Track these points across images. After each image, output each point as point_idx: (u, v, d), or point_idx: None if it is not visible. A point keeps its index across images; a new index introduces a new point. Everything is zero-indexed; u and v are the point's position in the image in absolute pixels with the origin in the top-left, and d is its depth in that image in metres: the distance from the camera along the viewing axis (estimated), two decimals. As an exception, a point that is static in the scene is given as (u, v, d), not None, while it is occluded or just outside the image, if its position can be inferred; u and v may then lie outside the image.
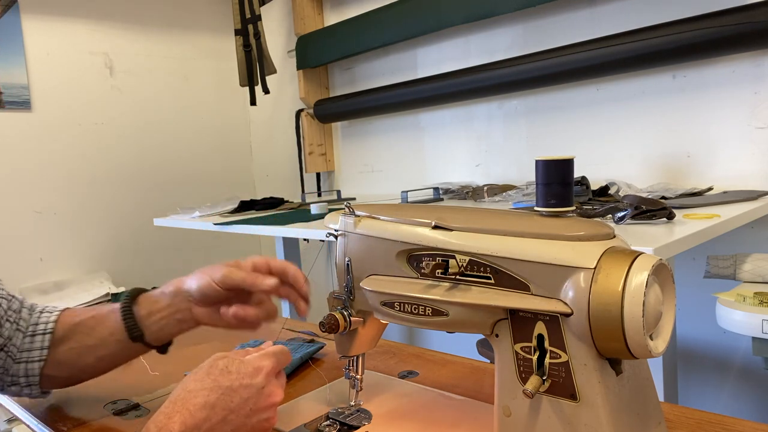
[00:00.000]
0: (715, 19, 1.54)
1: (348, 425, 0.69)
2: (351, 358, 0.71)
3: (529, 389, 0.51)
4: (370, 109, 2.59)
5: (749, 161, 1.66)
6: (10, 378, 0.76)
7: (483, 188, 1.96)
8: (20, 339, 0.77)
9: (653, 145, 1.84)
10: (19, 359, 0.76)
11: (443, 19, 2.17)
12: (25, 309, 0.80)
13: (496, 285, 0.55)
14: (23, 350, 0.76)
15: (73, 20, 2.71)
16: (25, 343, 0.77)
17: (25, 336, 0.77)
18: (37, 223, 2.61)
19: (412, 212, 0.63)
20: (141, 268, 2.91)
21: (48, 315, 0.80)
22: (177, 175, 3.07)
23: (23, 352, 0.76)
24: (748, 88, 1.64)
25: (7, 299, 0.78)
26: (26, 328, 0.78)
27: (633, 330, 0.47)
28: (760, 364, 1.63)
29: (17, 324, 0.77)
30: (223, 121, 3.29)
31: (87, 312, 0.80)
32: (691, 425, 0.66)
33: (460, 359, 0.91)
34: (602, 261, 0.50)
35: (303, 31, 2.78)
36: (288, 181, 3.18)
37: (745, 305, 1.23)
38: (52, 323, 0.78)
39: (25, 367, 0.76)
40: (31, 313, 0.80)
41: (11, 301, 0.78)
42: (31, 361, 0.76)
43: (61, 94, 2.66)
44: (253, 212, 2.17)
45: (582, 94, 1.99)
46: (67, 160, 2.69)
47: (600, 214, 1.25)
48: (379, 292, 0.63)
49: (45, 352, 0.76)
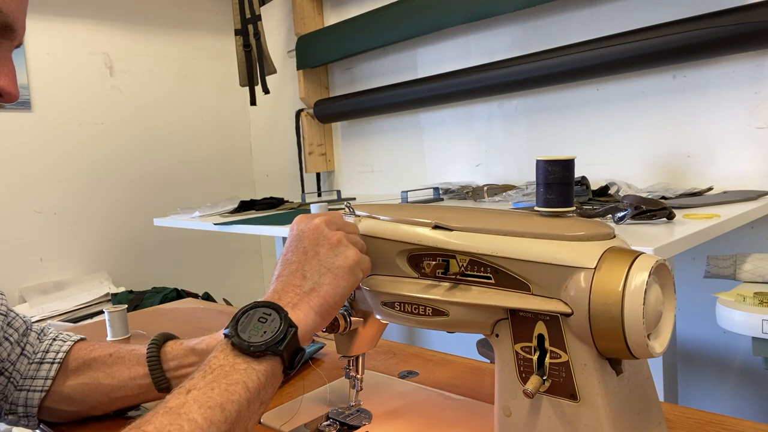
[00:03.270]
0: (715, 19, 1.54)
1: (348, 425, 0.69)
2: (351, 358, 0.71)
3: (530, 389, 0.51)
4: (370, 109, 2.59)
5: (749, 161, 1.66)
6: (8, 406, 0.72)
7: (483, 188, 1.96)
8: (25, 365, 0.73)
9: (653, 145, 1.84)
10: (21, 387, 0.72)
11: (443, 19, 2.17)
12: (33, 333, 0.76)
13: (496, 285, 0.55)
14: (27, 377, 0.72)
15: (73, 20, 2.71)
16: (30, 370, 0.73)
17: (31, 363, 0.73)
18: (37, 223, 2.61)
19: (412, 212, 0.63)
20: (141, 268, 2.91)
21: (60, 344, 0.75)
22: (177, 175, 3.07)
23: (26, 380, 0.72)
24: (748, 88, 1.64)
25: (4, 314, 0.73)
26: (33, 353, 0.74)
27: (633, 330, 0.47)
28: (760, 364, 1.63)
29: (23, 348, 0.73)
30: (223, 121, 3.29)
31: (104, 347, 0.76)
32: (691, 425, 0.66)
33: (460, 359, 0.91)
34: (602, 261, 0.50)
35: (303, 31, 2.78)
36: (288, 181, 3.18)
37: (745, 305, 1.23)
38: (63, 353, 0.74)
39: (26, 396, 0.72)
40: (40, 338, 0.76)
41: (14, 318, 0.74)
42: (32, 390, 0.72)
43: (61, 94, 2.67)
44: (253, 212, 2.17)
45: (582, 94, 1.99)
46: (67, 160, 2.69)
47: (600, 214, 1.25)
48: (379, 292, 0.63)
49: (48, 383, 0.72)
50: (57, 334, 0.77)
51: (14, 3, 0.56)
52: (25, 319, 0.77)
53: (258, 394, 0.50)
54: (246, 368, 0.50)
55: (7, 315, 0.74)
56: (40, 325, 0.79)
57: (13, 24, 0.56)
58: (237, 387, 0.49)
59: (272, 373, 0.52)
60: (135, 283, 2.81)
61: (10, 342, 0.73)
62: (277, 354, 0.51)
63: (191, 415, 0.45)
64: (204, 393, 0.47)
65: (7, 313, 0.74)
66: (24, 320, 0.76)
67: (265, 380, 0.51)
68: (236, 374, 0.49)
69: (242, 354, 0.50)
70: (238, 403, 0.48)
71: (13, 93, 0.59)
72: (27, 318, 0.78)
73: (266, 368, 0.51)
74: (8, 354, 0.72)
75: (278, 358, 0.52)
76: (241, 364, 0.50)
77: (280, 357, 0.52)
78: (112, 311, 1.11)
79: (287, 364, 0.52)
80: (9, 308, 0.75)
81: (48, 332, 0.78)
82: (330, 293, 0.56)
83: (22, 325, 0.75)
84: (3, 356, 0.72)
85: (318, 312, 0.55)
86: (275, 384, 0.53)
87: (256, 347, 0.50)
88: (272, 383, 0.52)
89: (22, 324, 0.75)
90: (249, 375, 0.50)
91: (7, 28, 0.56)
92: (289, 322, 0.52)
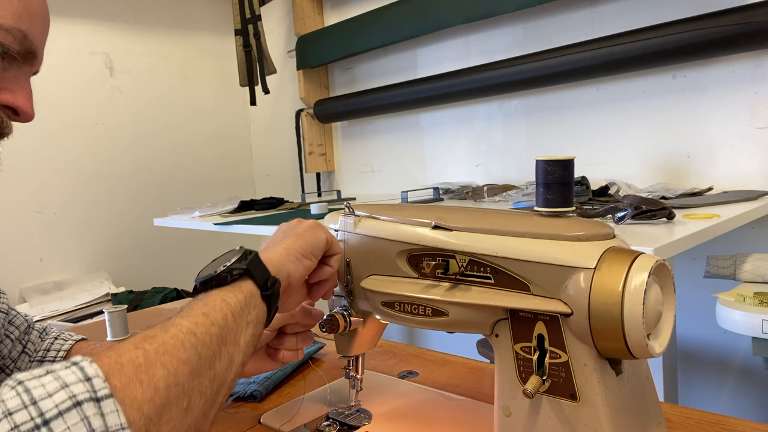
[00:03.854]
0: (715, 19, 1.54)
1: (348, 425, 0.69)
2: (351, 358, 0.71)
3: (529, 389, 0.51)
4: (370, 109, 2.59)
5: (749, 161, 1.66)
6: None
7: (483, 188, 1.96)
8: (26, 363, 0.74)
9: (653, 145, 1.84)
10: None
11: (443, 19, 2.17)
12: (35, 331, 0.76)
13: (496, 285, 0.55)
14: None
15: (73, 20, 2.71)
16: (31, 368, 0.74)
17: (32, 360, 0.74)
18: (37, 223, 2.61)
19: (412, 212, 0.63)
20: (141, 268, 2.91)
21: (62, 342, 0.76)
22: (177, 175, 3.07)
23: None
24: (748, 88, 1.64)
25: (5, 312, 0.74)
26: (34, 351, 0.74)
27: (633, 330, 0.47)
28: (760, 364, 1.63)
29: (24, 346, 0.74)
30: (223, 121, 3.29)
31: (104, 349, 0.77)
32: (691, 425, 0.66)
33: (460, 359, 0.91)
34: (602, 261, 0.50)
35: (303, 31, 2.78)
36: (288, 181, 3.18)
37: (745, 305, 1.23)
38: (64, 352, 0.75)
39: None
40: (42, 336, 0.77)
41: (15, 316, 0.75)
42: None
43: (61, 95, 2.66)
44: (253, 212, 2.17)
45: (582, 94, 1.99)
46: (66, 160, 2.69)
47: (600, 214, 1.25)
48: (379, 292, 0.63)
49: None
50: (58, 334, 0.78)
51: (38, 32, 0.60)
52: (26, 317, 0.77)
53: (241, 311, 0.49)
54: (219, 292, 0.50)
55: (8, 313, 0.75)
56: (42, 324, 0.79)
57: (36, 51, 0.60)
58: (216, 302, 0.48)
59: (249, 293, 0.51)
60: (135, 283, 2.81)
61: (11, 339, 0.73)
62: (244, 272, 0.51)
63: (177, 323, 0.45)
64: (184, 313, 0.47)
65: (8, 311, 0.75)
66: (26, 319, 0.77)
67: (243, 299, 0.50)
68: (212, 297, 0.49)
69: (213, 287, 0.50)
70: (222, 312, 0.48)
71: (30, 113, 0.64)
72: (29, 317, 0.78)
73: (240, 288, 0.51)
74: (9, 351, 0.73)
75: (248, 278, 0.51)
76: (215, 294, 0.50)
77: (249, 276, 0.51)
78: (112, 311, 1.11)
79: (261, 284, 0.52)
80: (10, 307, 0.75)
81: (50, 331, 0.78)
82: (293, 243, 0.59)
83: (23, 323, 0.76)
84: (4, 353, 0.72)
85: (285, 252, 0.57)
86: (257, 306, 0.51)
87: (223, 270, 0.51)
88: (253, 305, 0.51)
89: (23, 322, 0.76)
90: (225, 293, 0.50)
91: (31, 55, 0.60)
92: (250, 251, 0.54)
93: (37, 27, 0.60)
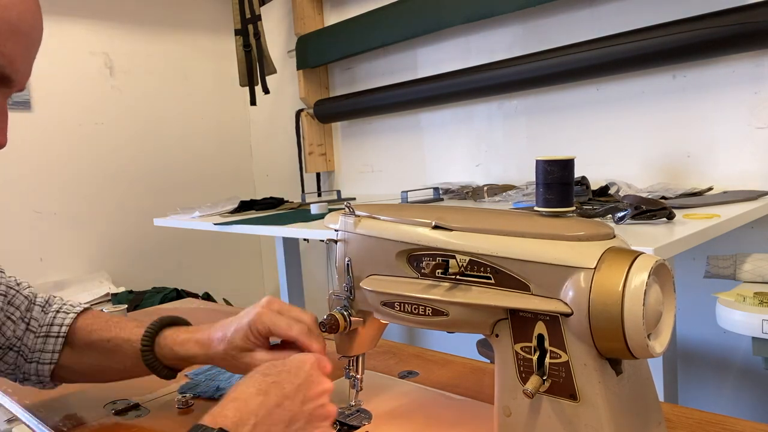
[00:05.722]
0: (715, 19, 1.54)
1: (348, 425, 0.69)
2: (351, 358, 0.71)
3: (529, 389, 0.51)
4: (370, 109, 2.59)
5: (749, 161, 1.66)
6: (23, 374, 0.77)
7: (483, 188, 1.96)
8: (31, 339, 0.76)
9: (653, 145, 1.84)
10: (31, 359, 0.75)
11: (443, 19, 2.17)
12: (37, 306, 0.78)
13: (496, 285, 0.55)
14: (35, 351, 0.75)
15: (73, 20, 2.71)
16: (37, 344, 0.76)
17: (38, 336, 0.76)
18: (37, 223, 2.61)
19: (412, 212, 0.63)
20: (141, 268, 2.91)
21: (63, 316, 0.77)
22: (177, 175, 3.07)
23: (35, 353, 0.75)
24: (748, 88, 1.64)
25: (3, 294, 0.75)
26: (38, 327, 0.76)
27: (633, 330, 0.47)
28: (760, 364, 1.63)
29: (27, 323, 0.76)
30: (223, 121, 3.29)
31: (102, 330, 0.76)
32: (691, 425, 0.66)
33: (460, 359, 0.91)
34: (602, 261, 0.50)
35: (303, 31, 2.78)
36: (288, 181, 3.18)
37: (745, 305, 1.23)
38: (66, 326, 0.77)
39: (36, 367, 0.76)
40: (45, 310, 0.78)
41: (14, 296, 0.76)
42: (42, 363, 0.75)
43: (61, 94, 2.66)
44: (253, 212, 2.17)
45: (582, 94, 1.99)
46: (67, 160, 2.69)
47: (600, 214, 1.25)
48: (380, 292, 0.63)
49: (56, 356, 0.76)
50: (61, 305, 0.79)
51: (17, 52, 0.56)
52: (26, 294, 0.78)
53: None
54: None
55: (7, 294, 0.76)
56: (44, 297, 0.80)
57: (10, 75, 0.56)
58: None
59: None
60: (135, 283, 2.81)
61: (13, 321, 0.75)
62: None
63: None
64: None
65: (7, 292, 0.76)
66: (26, 296, 0.78)
67: None
68: None
69: None
70: None
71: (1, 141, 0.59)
72: (29, 292, 0.79)
73: None
74: (14, 331, 0.75)
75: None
76: None
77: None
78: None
79: None
80: (9, 286, 0.77)
81: (53, 303, 0.80)
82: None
83: (24, 301, 0.77)
84: (8, 334, 0.75)
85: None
86: None
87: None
88: None
89: (23, 300, 0.77)
90: None
91: (4, 79, 0.57)
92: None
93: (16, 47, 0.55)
